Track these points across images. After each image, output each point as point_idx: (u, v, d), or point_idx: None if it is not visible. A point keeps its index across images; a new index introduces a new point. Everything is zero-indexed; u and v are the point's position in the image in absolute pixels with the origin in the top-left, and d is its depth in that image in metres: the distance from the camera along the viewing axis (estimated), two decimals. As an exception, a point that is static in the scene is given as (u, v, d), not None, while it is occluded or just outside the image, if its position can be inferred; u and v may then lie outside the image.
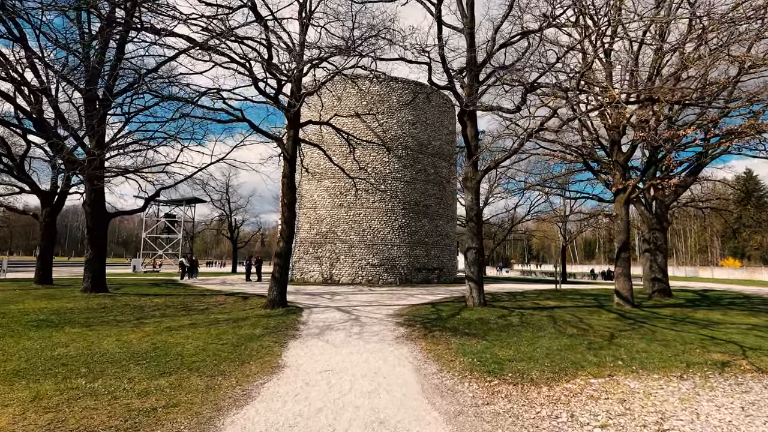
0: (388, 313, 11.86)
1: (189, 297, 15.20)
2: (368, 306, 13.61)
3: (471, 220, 12.93)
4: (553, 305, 14.83)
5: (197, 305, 12.95)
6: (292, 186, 12.69)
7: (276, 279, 12.26)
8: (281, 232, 12.67)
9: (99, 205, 15.06)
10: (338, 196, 25.27)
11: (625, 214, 15.15)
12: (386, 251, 24.89)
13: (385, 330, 9.21)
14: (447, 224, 28.14)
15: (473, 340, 8.02)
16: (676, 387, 5.41)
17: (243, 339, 7.81)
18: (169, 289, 18.02)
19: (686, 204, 23.87)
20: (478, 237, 12.86)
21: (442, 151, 28.09)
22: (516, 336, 8.54)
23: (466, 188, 13.11)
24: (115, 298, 13.75)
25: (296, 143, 12.99)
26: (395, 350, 7.30)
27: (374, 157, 25.39)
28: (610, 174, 16.81)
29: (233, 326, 9.12)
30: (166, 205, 41.98)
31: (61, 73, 14.52)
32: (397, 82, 26.43)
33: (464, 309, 12.39)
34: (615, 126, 15.39)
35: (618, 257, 15.24)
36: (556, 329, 9.52)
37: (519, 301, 15.91)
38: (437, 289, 22.22)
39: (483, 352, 7.01)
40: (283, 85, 12.39)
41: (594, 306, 15.03)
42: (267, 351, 6.98)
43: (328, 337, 8.37)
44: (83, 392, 4.80)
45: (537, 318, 11.17)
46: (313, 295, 16.94)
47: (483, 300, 12.69)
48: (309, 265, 25.42)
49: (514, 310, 12.54)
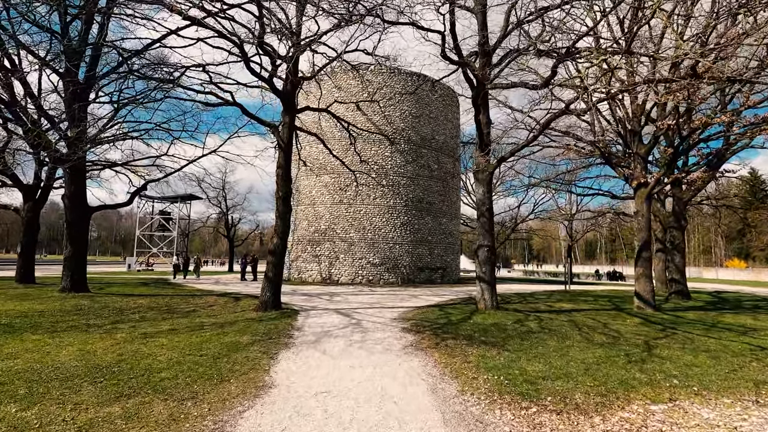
0: (392, 317, 10.79)
1: (176, 298, 14.12)
2: (370, 308, 12.54)
3: (482, 215, 11.85)
4: (569, 308, 13.77)
5: (183, 307, 11.86)
6: (287, 177, 11.61)
7: (269, 279, 11.17)
8: (275, 227, 11.60)
9: (79, 198, 13.96)
10: (338, 192, 24.17)
11: (646, 210, 14.09)
12: (387, 250, 23.81)
13: (390, 337, 8.13)
14: (451, 222, 27.07)
15: (493, 351, 6.94)
16: (760, 416, 4.34)
17: (227, 349, 6.72)
18: (157, 289, 16.93)
19: (701, 202, 22.79)
20: (490, 234, 11.78)
21: (446, 146, 27.01)
22: (541, 345, 7.46)
23: (477, 180, 12.03)
24: (94, 299, 12.65)
25: (292, 131, 11.90)
26: (404, 363, 6.22)
27: (376, 152, 24.30)
28: (629, 168, 15.77)
29: (218, 333, 8.03)
30: (161, 202, 40.83)
31: (42, 58, 13.44)
32: (399, 74, 25.33)
33: (476, 312, 11.32)
34: (636, 114, 14.34)
35: (638, 257, 14.18)
36: (582, 336, 8.46)
37: (531, 303, 14.85)
38: (441, 289, 21.15)
39: (509, 367, 5.93)
40: (278, 66, 11.30)
41: (612, 309, 13.97)
42: (253, 365, 5.90)
43: (326, 345, 7.29)
44: (6, 425, 3.71)
45: (557, 323, 10.10)
46: (311, 296, 15.86)
47: (496, 302, 11.62)
48: (307, 264, 24.33)
49: (530, 314, 11.47)
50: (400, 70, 25.39)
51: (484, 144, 11.91)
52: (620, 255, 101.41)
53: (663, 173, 14.08)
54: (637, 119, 14.36)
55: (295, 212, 25.50)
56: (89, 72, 13.28)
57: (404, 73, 25.42)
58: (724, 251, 68.52)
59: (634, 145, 14.42)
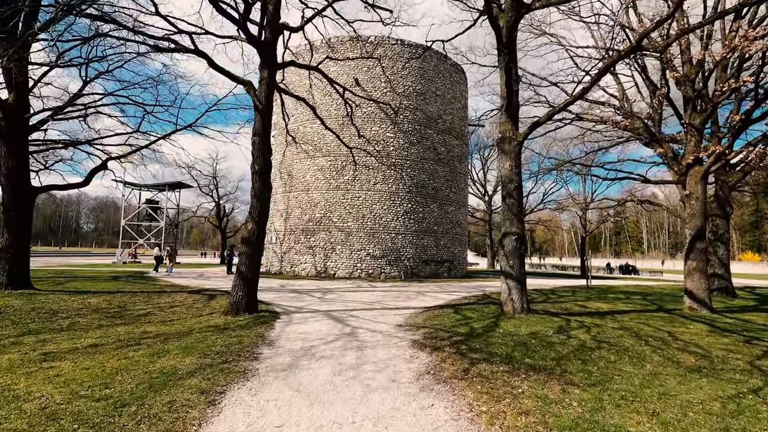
0: (396, 322, 8.48)
1: (139, 295, 11.82)
2: (369, 309, 10.23)
3: (509, 195, 9.46)
4: (607, 309, 11.48)
5: (138, 309, 9.56)
6: (265, 146, 9.23)
7: (242, 274, 8.84)
8: (251, 208, 9.24)
9: (20, 177, 11.59)
10: (334, 177, 21.76)
11: (701, 192, 11.72)
12: (389, 240, 21.47)
13: (397, 357, 5.82)
14: (458, 211, 24.69)
15: (555, 386, 4.62)
16: None
17: (148, 384, 4.40)
18: (124, 284, 14.63)
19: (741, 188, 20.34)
20: (518, 219, 9.42)
21: (453, 128, 24.53)
22: (616, 374, 5.15)
23: (502, 152, 9.63)
24: (33, 298, 10.33)
25: (272, 90, 9.49)
26: (422, 413, 3.91)
27: (376, 132, 21.84)
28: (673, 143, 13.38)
29: (156, 351, 5.71)
30: (148, 190, 38.39)
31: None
32: (402, 46, 22.78)
33: (502, 317, 9.00)
34: (688, 77, 11.92)
35: (691, 248, 11.84)
36: (660, 356, 6.15)
37: (559, 303, 12.56)
38: (449, 285, 18.85)
39: (596, 425, 3.61)
40: (253, 3, 8.87)
41: (656, 310, 11.69)
42: (174, 420, 3.58)
43: (303, 375, 4.97)
44: None
45: (610, 333, 7.80)
46: (300, 293, 13.56)
47: (527, 305, 9.29)
48: (300, 257, 22.02)
49: (569, 319, 9.17)
50: (404, 41, 22.86)
51: (512, 105, 9.49)
52: (625, 248, 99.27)
53: (728, 145, 11.64)
54: (690, 83, 11.93)
55: (287, 199, 23.13)
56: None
57: (408, 44, 22.88)
58: (737, 244, 66.24)
59: (687, 114, 12.01)
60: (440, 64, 23.82)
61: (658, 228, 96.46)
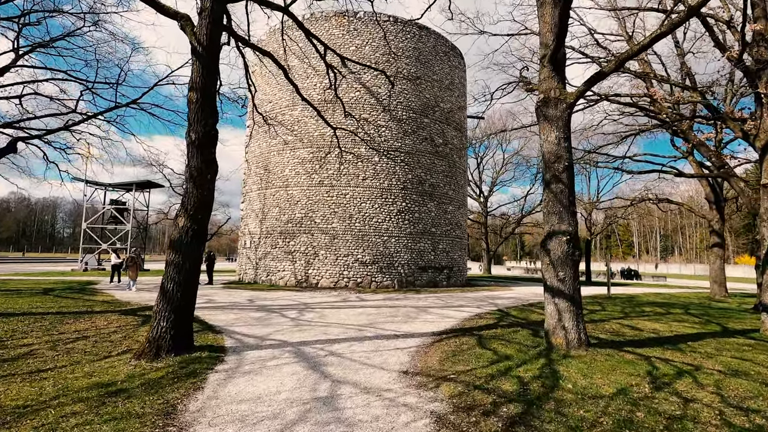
0: (400, 366, 5.63)
1: (49, 318, 8.72)
2: (358, 340, 7.35)
3: (556, 179, 6.72)
4: (666, 332, 8.84)
5: (25, 342, 6.50)
6: (207, 107, 6.31)
7: (167, 296, 5.87)
8: (184, 196, 6.28)
9: None
10: (317, 171, 18.83)
11: (783, 180, 9.21)
12: (381, 244, 18.61)
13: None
14: (458, 210, 21.98)
15: None
16: None
17: None
18: (47, 300, 11.43)
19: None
20: (569, 212, 6.68)
21: (452, 118, 21.88)
22: None
23: (545, 120, 6.89)
24: None
25: (219, 26, 6.58)
26: None
27: (366, 119, 19.02)
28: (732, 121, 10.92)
29: None
30: (113, 189, 34.77)
31: None
32: (396, 23, 20.10)
33: (553, 354, 6.21)
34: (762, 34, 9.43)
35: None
36: None
37: (598, 322, 9.86)
38: (452, 296, 16.08)
39: None
40: None
41: (725, 332, 9.13)
42: None
43: None
44: None
45: (729, 383, 5.09)
46: (271, 312, 10.58)
47: (585, 336, 6.49)
48: (278, 263, 18.98)
49: (647, 356, 6.41)
50: (397, 18, 20.18)
51: (559, 56, 6.77)
52: (616, 251, 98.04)
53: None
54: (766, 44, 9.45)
55: (263, 197, 20.10)
56: None
57: (401, 23, 20.20)
58: (733, 247, 65.22)
59: (762, 84, 9.50)
60: (438, 45, 21.20)
61: (649, 232, 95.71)
